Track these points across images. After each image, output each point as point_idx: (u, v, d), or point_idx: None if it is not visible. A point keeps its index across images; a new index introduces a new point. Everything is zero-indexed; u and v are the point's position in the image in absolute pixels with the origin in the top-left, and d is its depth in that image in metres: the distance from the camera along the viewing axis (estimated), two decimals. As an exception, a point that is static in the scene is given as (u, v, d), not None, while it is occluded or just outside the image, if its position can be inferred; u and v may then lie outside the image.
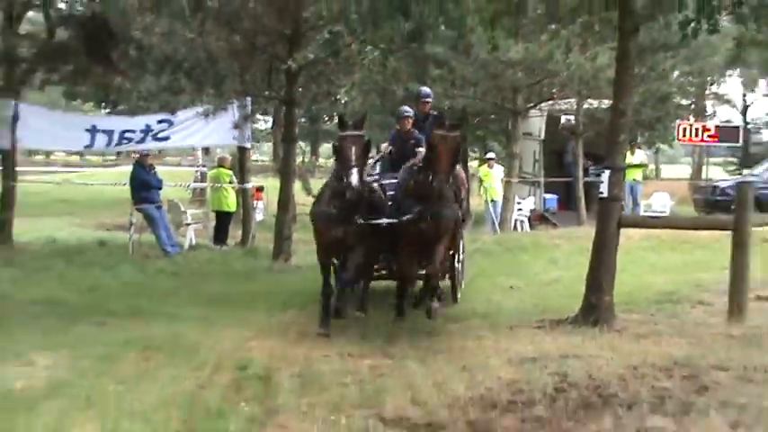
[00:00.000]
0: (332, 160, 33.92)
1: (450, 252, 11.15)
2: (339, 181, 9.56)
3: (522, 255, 16.37)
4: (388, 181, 11.01)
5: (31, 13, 18.52)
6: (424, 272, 10.56)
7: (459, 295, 11.97)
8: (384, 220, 9.95)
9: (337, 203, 9.66)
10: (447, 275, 11.65)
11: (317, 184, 17.33)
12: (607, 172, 9.85)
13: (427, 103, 12.01)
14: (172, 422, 6.48)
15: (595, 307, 9.66)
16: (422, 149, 10.51)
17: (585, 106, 23.80)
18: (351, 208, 9.57)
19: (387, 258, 11.27)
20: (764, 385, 7.20)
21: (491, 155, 24.90)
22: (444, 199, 9.69)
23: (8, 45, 17.37)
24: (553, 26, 15.19)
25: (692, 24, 9.43)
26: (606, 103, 20.92)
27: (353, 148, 9.33)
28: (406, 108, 11.62)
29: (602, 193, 9.99)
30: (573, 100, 23.57)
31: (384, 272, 11.76)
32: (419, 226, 9.66)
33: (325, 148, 40.89)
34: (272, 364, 8.16)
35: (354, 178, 9.19)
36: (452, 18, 10.55)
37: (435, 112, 11.54)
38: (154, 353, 8.52)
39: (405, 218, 9.68)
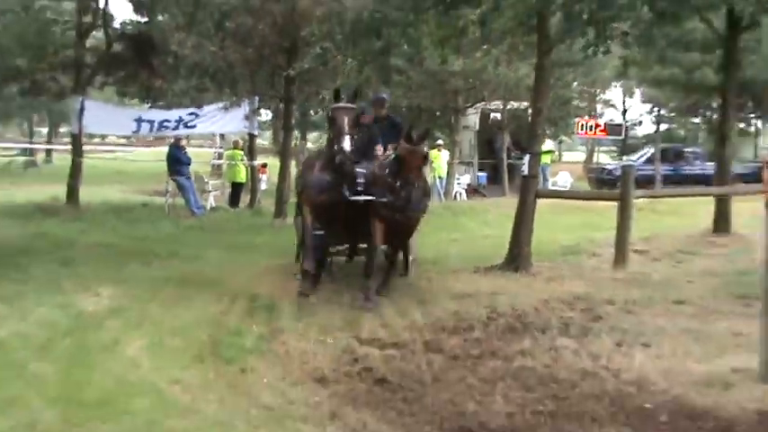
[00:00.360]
0: (318, 144, 33.47)
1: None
2: (331, 151, 8.31)
3: (461, 217, 16.33)
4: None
5: (94, 32, 18.39)
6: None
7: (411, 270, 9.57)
8: (362, 198, 8.24)
9: (330, 174, 8.33)
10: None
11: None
12: (528, 156, 9.89)
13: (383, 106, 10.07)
14: (202, 338, 6.54)
15: (517, 257, 9.72)
16: (379, 147, 8.96)
17: (509, 107, 23.79)
18: (341, 175, 8.29)
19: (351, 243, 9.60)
20: (641, 315, 7.33)
21: (439, 142, 24.83)
22: (412, 200, 8.06)
23: (77, 55, 17.44)
24: (486, 46, 15.18)
25: (591, 47, 9.46)
26: (525, 104, 20.96)
27: (346, 119, 8.13)
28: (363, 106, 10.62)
29: (523, 171, 10.04)
30: (500, 102, 23.55)
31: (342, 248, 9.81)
32: (392, 216, 8.10)
33: (312, 136, 40.63)
34: (275, 296, 8.16)
35: (346, 144, 8.00)
36: (412, 39, 10.49)
37: (392, 115, 10.24)
38: (187, 286, 8.54)
39: (381, 199, 8.04)
